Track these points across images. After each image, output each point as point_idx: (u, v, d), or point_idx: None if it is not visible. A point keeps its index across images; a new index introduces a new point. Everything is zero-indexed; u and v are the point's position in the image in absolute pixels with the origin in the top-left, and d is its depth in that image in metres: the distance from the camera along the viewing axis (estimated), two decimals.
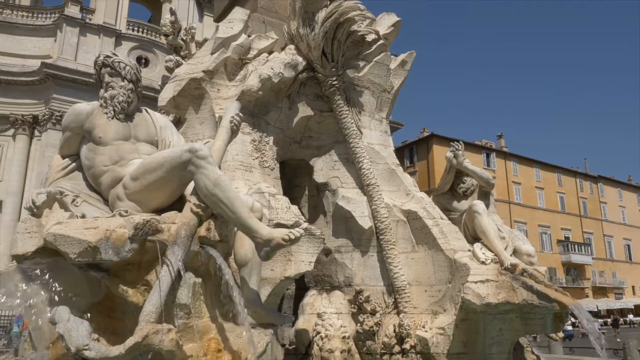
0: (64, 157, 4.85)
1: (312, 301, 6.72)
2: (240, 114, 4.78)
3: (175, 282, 3.90)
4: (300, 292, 7.29)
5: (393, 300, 6.74)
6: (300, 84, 7.12)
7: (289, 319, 4.92)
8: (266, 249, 4.05)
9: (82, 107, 4.68)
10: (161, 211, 4.35)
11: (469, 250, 6.66)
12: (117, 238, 3.81)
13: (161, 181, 4.20)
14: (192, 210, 4.09)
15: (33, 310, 4.21)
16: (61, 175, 4.75)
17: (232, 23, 6.88)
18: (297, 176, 7.94)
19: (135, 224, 3.83)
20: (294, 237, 3.96)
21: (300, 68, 6.93)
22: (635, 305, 57.76)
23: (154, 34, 33.57)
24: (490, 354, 6.16)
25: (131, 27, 33.37)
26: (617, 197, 65.97)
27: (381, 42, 7.62)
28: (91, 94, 20.89)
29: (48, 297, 4.26)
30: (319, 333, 6.17)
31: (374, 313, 6.55)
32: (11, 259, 4.52)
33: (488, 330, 6.15)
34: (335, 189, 7.23)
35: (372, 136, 7.55)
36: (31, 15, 31.75)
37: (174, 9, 7.85)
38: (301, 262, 5.46)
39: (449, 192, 7.97)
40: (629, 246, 64.71)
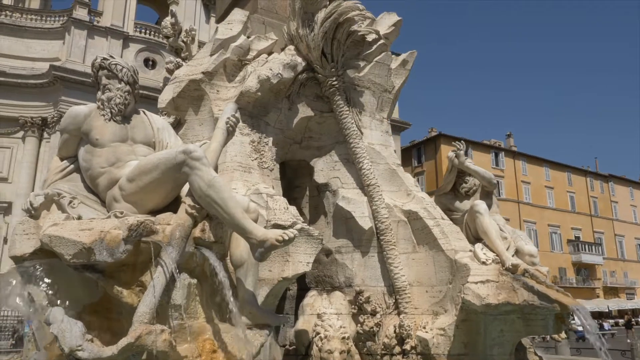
0: (62, 159, 4.90)
1: (312, 302, 6.71)
2: (237, 115, 4.78)
3: (169, 283, 3.92)
4: (301, 293, 7.27)
5: (394, 301, 6.72)
6: (300, 84, 7.10)
7: (285, 319, 4.91)
8: (260, 250, 4.05)
9: (79, 110, 4.71)
10: (157, 212, 4.37)
11: (470, 251, 6.62)
12: (112, 239, 3.83)
13: (156, 182, 4.22)
14: (186, 211, 4.11)
15: (31, 310, 4.24)
16: (59, 177, 4.79)
17: (231, 24, 6.88)
18: (298, 177, 7.92)
19: (129, 225, 3.85)
20: (287, 238, 3.96)
21: (299, 69, 6.91)
22: None
23: (161, 36, 33.69)
24: (491, 355, 6.12)
25: (138, 29, 33.54)
26: (628, 196, 65.30)
27: (382, 41, 7.59)
28: None
29: (47, 298, 4.30)
30: (318, 334, 6.15)
31: (374, 314, 6.52)
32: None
33: (489, 331, 6.11)
34: (335, 190, 7.21)
35: (373, 136, 7.52)
36: (40, 19, 32.03)
37: (174, 10, 7.87)
38: (299, 262, 5.45)
39: (451, 192, 7.93)
40: None
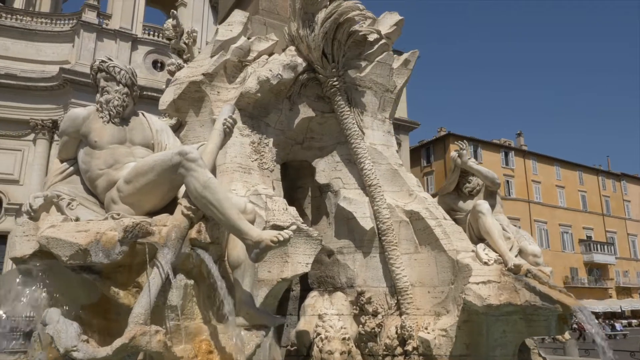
0: (62, 161, 4.94)
1: (313, 302, 6.70)
2: (234, 117, 4.79)
3: (165, 284, 3.94)
4: (304, 294, 7.25)
5: (395, 302, 6.68)
6: (301, 85, 7.10)
7: (282, 320, 4.92)
8: (256, 251, 4.06)
9: (78, 112, 4.75)
10: (155, 214, 4.39)
11: (472, 251, 6.57)
12: (107, 241, 3.86)
13: (152, 184, 4.25)
14: (183, 212, 4.13)
15: (30, 310, 4.29)
16: (59, 179, 4.83)
17: (232, 26, 6.89)
18: (301, 177, 7.92)
19: (124, 227, 3.88)
20: (282, 239, 3.96)
21: (299, 69, 6.90)
22: None
23: None
24: (493, 356, 6.06)
25: (147, 32, 33.71)
26: None
27: (383, 41, 7.56)
28: None
29: (47, 299, 4.35)
30: (319, 334, 6.15)
31: (375, 314, 6.49)
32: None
33: (491, 332, 6.05)
34: (337, 190, 7.19)
35: (375, 136, 7.49)
36: (50, 22, 32.33)
37: (175, 12, 7.91)
38: (298, 263, 5.45)
39: (455, 192, 7.88)
40: None
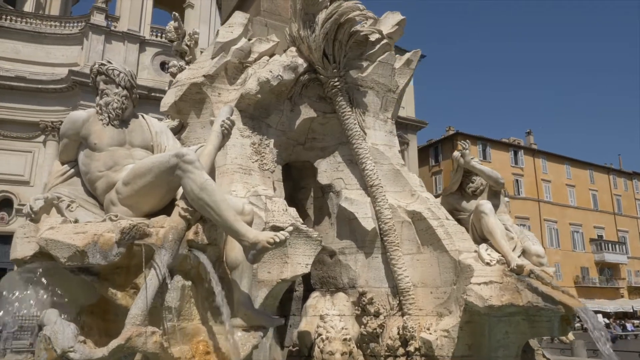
0: (63, 164, 4.98)
1: (315, 303, 6.70)
2: (232, 118, 4.80)
3: (163, 285, 3.96)
4: (307, 294, 7.26)
5: (397, 302, 6.66)
6: (302, 85, 7.10)
7: (280, 321, 4.92)
8: (253, 252, 4.07)
9: (78, 115, 4.80)
10: (154, 215, 4.42)
11: (474, 251, 6.53)
12: (105, 242, 3.88)
13: (150, 186, 4.27)
14: (180, 214, 4.14)
15: (28, 310, 4.33)
16: (60, 181, 4.87)
17: (232, 27, 6.91)
18: (303, 178, 7.92)
19: (121, 228, 3.90)
20: (279, 240, 3.96)
21: (300, 70, 6.90)
22: None
23: None
24: (496, 357, 6.03)
25: (155, 33, 33.98)
26: None
27: (385, 41, 7.55)
28: None
29: (48, 300, 4.39)
30: (320, 335, 6.14)
31: (377, 315, 6.48)
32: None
33: (493, 333, 6.02)
34: (339, 191, 7.18)
35: (377, 137, 7.47)
36: (59, 25, 32.71)
37: (177, 15, 7.95)
38: (297, 264, 5.45)
39: (458, 192, 7.83)
40: None
